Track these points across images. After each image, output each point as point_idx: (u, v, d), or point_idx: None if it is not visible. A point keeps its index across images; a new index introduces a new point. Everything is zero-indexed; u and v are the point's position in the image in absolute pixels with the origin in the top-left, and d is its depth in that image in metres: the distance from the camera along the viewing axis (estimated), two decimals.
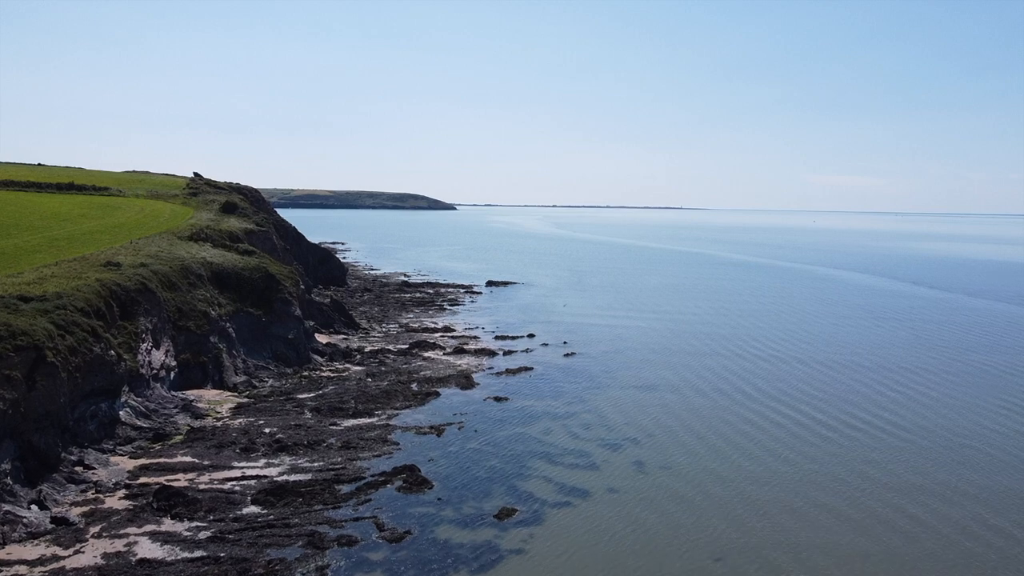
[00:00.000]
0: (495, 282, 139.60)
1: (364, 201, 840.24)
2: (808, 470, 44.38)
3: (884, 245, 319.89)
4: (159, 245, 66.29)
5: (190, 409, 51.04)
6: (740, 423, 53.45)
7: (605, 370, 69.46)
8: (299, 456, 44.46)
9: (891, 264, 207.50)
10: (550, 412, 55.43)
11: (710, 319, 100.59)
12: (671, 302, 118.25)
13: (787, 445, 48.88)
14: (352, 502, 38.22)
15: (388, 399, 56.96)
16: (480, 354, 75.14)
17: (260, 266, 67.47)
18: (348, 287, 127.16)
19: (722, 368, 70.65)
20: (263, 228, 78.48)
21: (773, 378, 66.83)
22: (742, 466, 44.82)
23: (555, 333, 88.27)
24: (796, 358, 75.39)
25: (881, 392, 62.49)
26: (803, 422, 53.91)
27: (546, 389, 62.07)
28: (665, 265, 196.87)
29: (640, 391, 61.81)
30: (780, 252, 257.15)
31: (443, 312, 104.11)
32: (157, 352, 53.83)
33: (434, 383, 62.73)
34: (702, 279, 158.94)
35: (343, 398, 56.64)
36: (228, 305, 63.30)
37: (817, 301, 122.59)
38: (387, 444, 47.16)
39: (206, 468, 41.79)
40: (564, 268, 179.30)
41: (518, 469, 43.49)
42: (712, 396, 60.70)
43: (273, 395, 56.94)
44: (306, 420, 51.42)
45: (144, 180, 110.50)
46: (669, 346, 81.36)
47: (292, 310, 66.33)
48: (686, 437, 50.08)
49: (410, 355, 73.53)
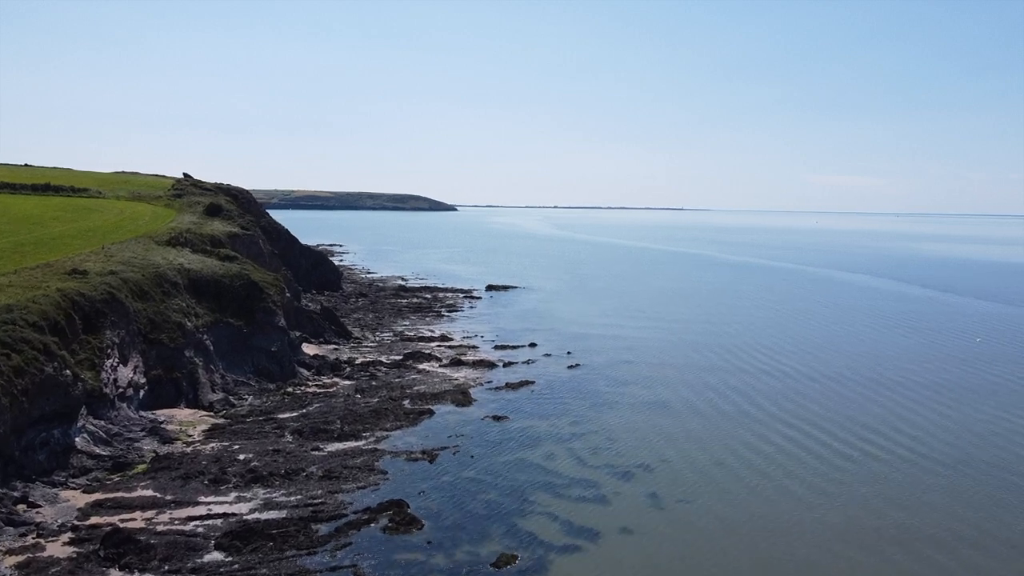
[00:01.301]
0: (495, 286, 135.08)
1: (364, 202, 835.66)
2: (836, 504, 39.76)
3: (886, 246, 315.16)
4: (133, 251, 61.74)
5: (158, 432, 46.46)
6: (758, 447, 48.82)
7: (611, 384, 64.84)
8: (275, 488, 39.86)
9: (895, 266, 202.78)
10: (553, 434, 50.83)
11: (717, 328, 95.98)
12: (676, 308, 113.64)
13: (807, 475, 44.24)
14: (330, 546, 33.62)
15: (377, 419, 52.37)
16: (478, 366, 70.56)
17: (242, 273, 62.90)
18: (343, 292, 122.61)
19: (733, 384, 66.04)
20: (248, 232, 73.98)
21: (787, 396, 62.21)
22: (767, 498, 40.19)
23: (558, 342, 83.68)
24: (810, 373, 70.73)
25: (901, 413, 57.70)
26: (821, 447, 49.29)
27: (549, 407, 57.46)
28: (667, 267, 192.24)
29: (649, 409, 57.19)
30: (783, 253, 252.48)
31: (440, 319, 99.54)
32: (124, 368, 49.27)
33: (428, 399, 58.13)
34: (705, 282, 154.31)
35: (328, 418, 52.04)
36: (206, 315, 58.73)
37: (825, 306, 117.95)
38: (373, 473, 42.56)
39: (168, 505, 37.18)
40: (565, 271, 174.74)
41: (518, 504, 38.87)
42: (725, 415, 56.09)
43: (252, 415, 52.33)
44: (286, 444, 46.81)
45: (129, 181, 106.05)
46: (677, 358, 76.74)
47: (276, 320, 61.76)
48: (703, 463, 45.46)
49: (404, 367, 68.94)
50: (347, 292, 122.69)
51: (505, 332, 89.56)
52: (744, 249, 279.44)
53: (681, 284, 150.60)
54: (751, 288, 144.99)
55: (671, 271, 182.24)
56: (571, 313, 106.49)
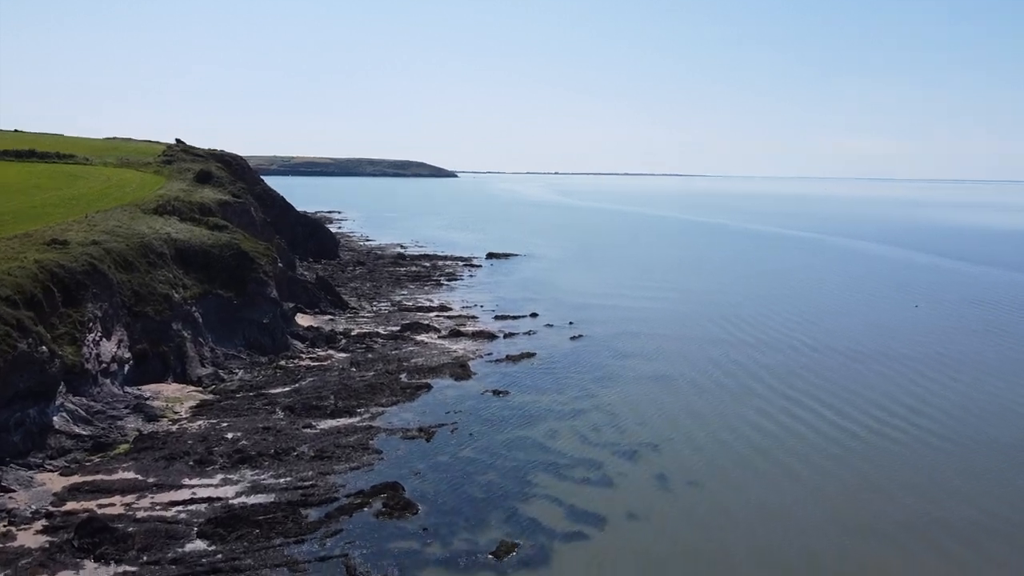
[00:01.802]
0: (496, 254, 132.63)
1: (365, 169, 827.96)
2: (846, 488, 37.82)
3: (907, 214, 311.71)
4: (118, 219, 59.34)
5: (143, 409, 44.49)
6: (765, 426, 46.82)
7: (615, 357, 62.77)
8: (263, 470, 37.95)
9: (916, 235, 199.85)
10: (555, 410, 48.85)
11: (726, 298, 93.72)
12: (682, 277, 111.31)
13: (815, 455, 42.24)
14: (319, 533, 31.74)
15: (373, 394, 50.37)
16: (478, 337, 68.47)
17: (232, 242, 60.54)
18: (340, 260, 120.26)
19: (739, 358, 63.92)
20: (240, 199, 71.45)
21: (793, 371, 60.11)
22: (775, 481, 38.25)
23: (560, 312, 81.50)
24: (817, 346, 68.53)
25: (912, 389, 55.48)
26: (829, 426, 47.26)
27: (550, 380, 55.44)
28: (673, 235, 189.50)
29: (655, 384, 55.16)
30: (795, 221, 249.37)
31: (440, 288, 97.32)
32: (107, 343, 47.18)
33: (426, 373, 56.12)
34: (713, 251, 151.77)
35: (321, 393, 50.04)
36: (194, 287, 56.51)
37: (842, 276, 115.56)
38: (367, 452, 40.63)
39: (149, 488, 35.27)
40: (567, 238, 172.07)
41: (519, 486, 36.94)
42: (731, 391, 54.06)
43: (242, 390, 50.34)
44: (276, 421, 44.86)
45: (119, 148, 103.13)
46: (681, 329, 74.60)
47: (267, 291, 59.55)
48: (710, 443, 43.47)
49: (401, 339, 66.87)
50: (344, 260, 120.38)
51: (505, 302, 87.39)
52: (756, 217, 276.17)
53: (686, 252, 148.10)
54: (763, 258, 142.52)
55: (677, 239, 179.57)
56: (573, 282, 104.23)
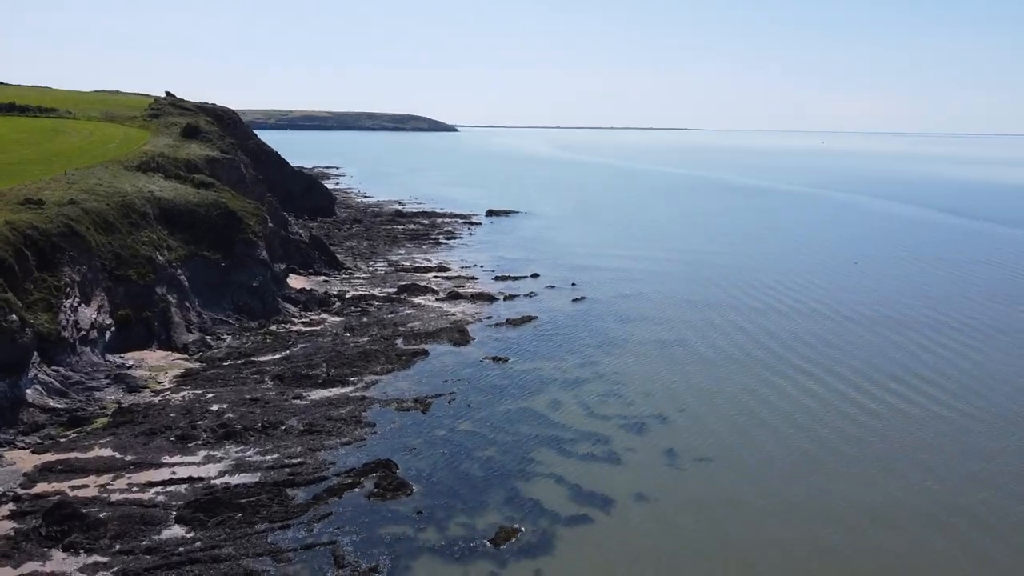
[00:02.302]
0: (496, 211, 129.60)
1: (364, 123, 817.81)
2: (863, 472, 35.75)
3: (901, 168, 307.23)
4: (99, 177, 56.47)
5: (123, 380, 42.27)
6: (776, 399, 44.59)
7: (618, 320, 60.45)
8: (249, 445, 35.83)
9: (912, 189, 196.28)
10: (558, 377, 46.64)
11: (729, 258, 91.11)
12: (685, 235, 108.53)
13: (830, 434, 40.09)
14: (307, 518, 29.69)
15: (367, 361, 48.11)
16: (478, 300, 66.09)
17: (219, 201, 57.75)
18: (336, 218, 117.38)
19: (749, 323, 61.57)
20: (228, 155, 68.41)
21: (808, 338, 57.77)
22: (789, 461, 36.16)
23: (561, 272, 79.02)
24: (827, 312, 66.08)
25: (930, 361, 53.17)
26: (843, 401, 45.07)
27: (552, 346, 53.18)
28: (674, 191, 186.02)
29: (660, 351, 52.87)
30: (793, 176, 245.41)
31: (438, 247, 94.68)
32: (86, 309, 44.79)
33: (423, 338, 53.85)
34: (715, 207, 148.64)
35: (313, 361, 47.78)
36: (180, 248, 53.92)
37: (844, 234, 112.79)
38: (360, 426, 38.50)
39: (127, 467, 33.17)
40: (568, 194, 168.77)
41: (520, 464, 34.85)
42: (739, 359, 51.80)
43: (230, 357, 48.06)
44: (265, 392, 42.67)
45: (106, 101, 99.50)
46: (686, 291, 72.16)
47: (257, 253, 56.96)
48: (720, 416, 41.29)
49: (397, 301, 64.49)
50: (341, 218, 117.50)
51: (506, 261, 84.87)
52: (752, 172, 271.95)
53: (687, 208, 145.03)
54: (761, 213, 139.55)
55: (676, 195, 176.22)
56: (574, 240, 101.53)
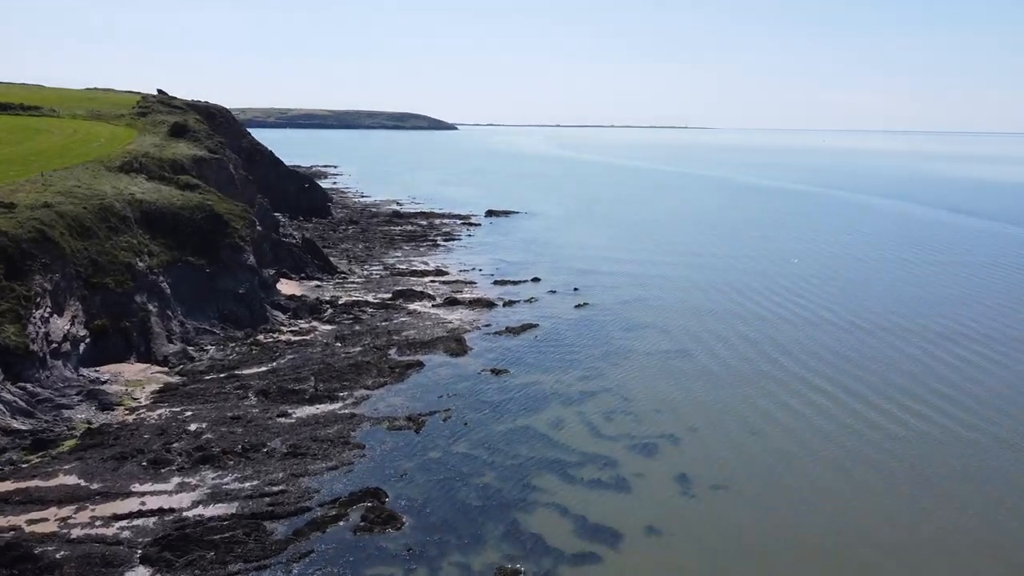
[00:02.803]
0: (495, 212, 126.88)
1: (363, 121, 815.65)
2: (888, 506, 33.06)
3: (906, 166, 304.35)
4: (78, 178, 53.74)
5: (96, 396, 39.55)
6: (792, 418, 41.91)
7: (623, 328, 57.73)
8: (227, 471, 33.12)
9: (919, 187, 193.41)
10: (561, 392, 43.92)
11: (738, 262, 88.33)
12: (687, 236, 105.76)
13: (849, 460, 37.38)
14: (285, 556, 27.00)
15: (358, 374, 45.41)
16: (476, 306, 63.35)
17: (204, 204, 55.00)
18: (332, 218, 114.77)
19: (758, 332, 58.87)
20: (217, 155, 65.70)
21: (821, 348, 55.05)
22: (812, 486, 33.47)
23: (563, 276, 76.31)
24: (840, 322, 63.23)
25: (953, 379, 50.76)
26: (861, 423, 42.36)
27: (554, 357, 50.46)
28: (675, 190, 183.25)
29: (668, 362, 50.14)
30: (799, 175, 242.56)
31: (436, 249, 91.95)
32: (59, 320, 42.08)
33: (417, 348, 51.14)
34: (721, 208, 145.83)
35: (300, 374, 45.06)
36: (162, 254, 51.19)
37: (855, 235, 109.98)
38: (348, 447, 35.80)
39: (92, 496, 30.46)
40: (569, 194, 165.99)
41: (520, 491, 32.13)
42: (755, 374, 49.08)
43: (213, 370, 45.34)
44: (248, 409, 39.95)
45: (94, 99, 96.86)
46: (693, 297, 69.41)
47: (244, 258, 54.23)
48: (734, 435, 38.59)
49: (392, 308, 61.76)
50: (336, 219, 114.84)
51: (505, 265, 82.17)
52: (755, 170, 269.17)
53: (689, 208, 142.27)
54: (773, 215, 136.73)
55: (680, 194, 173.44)
56: (576, 242, 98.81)
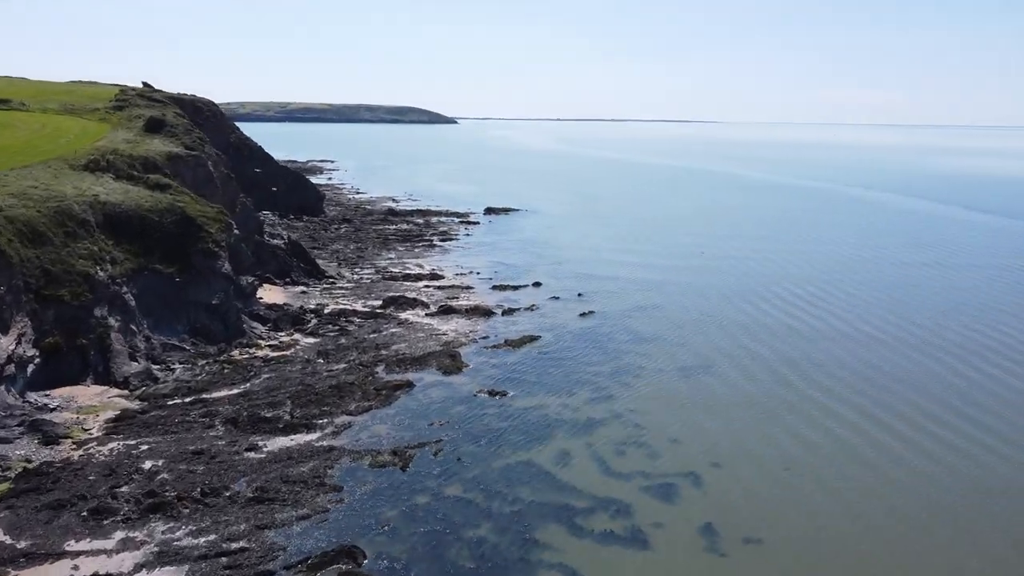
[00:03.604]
0: (494, 209, 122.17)
1: (362, 115, 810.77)
2: (963, 542, 28.46)
3: (918, 161, 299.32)
4: (36, 178, 49.05)
5: (40, 428, 34.93)
6: (831, 444, 37.35)
7: (633, 341, 53.09)
8: (180, 522, 28.51)
9: (931, 183, 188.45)
10: (566, 418, 39.29)
11: (747, 262, 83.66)
12: (696, 235, 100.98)
13: (902, 503, 32.82)
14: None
15: (340, 397, 40.80)
16: (472, 315, 58.71)
17: (175, 205, 50.30)
18: (325, 216, 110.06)
19: (779, 343, 54.26)
20: (194, 152, 61.02)
21: (853, 363, 50.42)
22: (858, 536, 28.86)
23: (566, 281, 71.67)
24: (876, 334, 58.57)
25: (997, 396, 46.25)
26: (914, 441, 37.81)
27: (558, 375, 45.82)
28: (681, 186, 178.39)
29: (684, 380, 45.53)
30: (807, 171, 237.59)
31: (432, 250, 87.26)
32: (3, 339, 37.45)
33: (408, 365, 46.54)
34: (725, 204, 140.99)
35: (276, 398, 40.44)
36: (126, 261, 46.51)
37: (874, 235, 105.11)
38: (323, 490, 31.19)
39: (16, 559, 25.83)
40: (570, 190, 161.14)
41: (521, 548, 27.52)
42: (779, 392, 44.47)
43: (178, 393, 40.69)
44: (213, 441, 35.34)
45: (72, 92, 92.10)
46: (707, 304, 64.72)
47: (218, 265, 49.55)
48: (766, 470, 34.02)
49: (382, 317, 57.12)
50: (329, 217, 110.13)
51: (505, 267, 77.51)
52: (760, 165, 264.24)
53: (696, 205, 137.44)
54: (787, 214, 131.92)
55: (686, 191, 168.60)
56: (579, 242, 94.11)
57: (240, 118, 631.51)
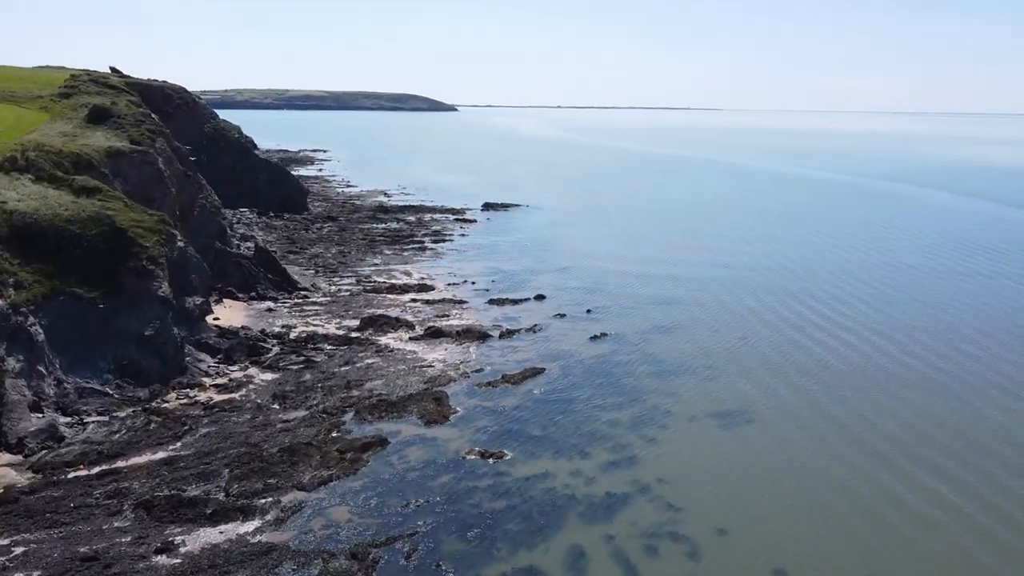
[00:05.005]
0: (493, 205, 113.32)
1: (362, 103, 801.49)
2: None
3: (930, 151, 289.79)
4: None
5: None
6: (928, 532, 28.75)
7: (656, 375, 44.46)
8: None
9: (951, 175, 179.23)
10: (579, 495, 30.67)
11: (788, 274, 74.88)
12: (715, 232, 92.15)
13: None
14: None
15: (292, 464, 32.22)
16: (465, 339, 50.06)
17: (101, 214, 41.54)
18: (308, 214, 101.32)
19: (844, 385, 45.65)
20: (140, 147, 52.32)
21: (936, 410, 41.89)
22: None
23: (572, 292, 63.02)
24: (959, 370, 50.23)
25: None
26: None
27: (568, 427, 37.19)
28: (688, 177, 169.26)
29: (725, 432, 36.91)
30: (816, 160, 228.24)
31: (423, 254, 78.51)
32: None
33: (383, 413, 37.94)
34: (738, 196, 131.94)
35: (210, 465, 31.84)
36: (36, 285, 37.80)
37: (913, 235, 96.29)
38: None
39: None
40: (572, 182, 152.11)
41: None
42: (849, 454, 35.85)
43: (85, 460, 32.06)
44: (115, 537, 26.75)
45: (29, 78, 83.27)
46: (738, 323, 56.03)
47: (153, 287, 40.82)
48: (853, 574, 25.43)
49: (358, 344, 48.50)
50: (313, 214, 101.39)
51: (503, 275, 68.85)
52: (769, 155, 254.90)
53: (708, 197, 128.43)
54: (793, 206, 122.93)
55: (693, 182, 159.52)
56: (585, 243, 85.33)
57: (237, 105, 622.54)
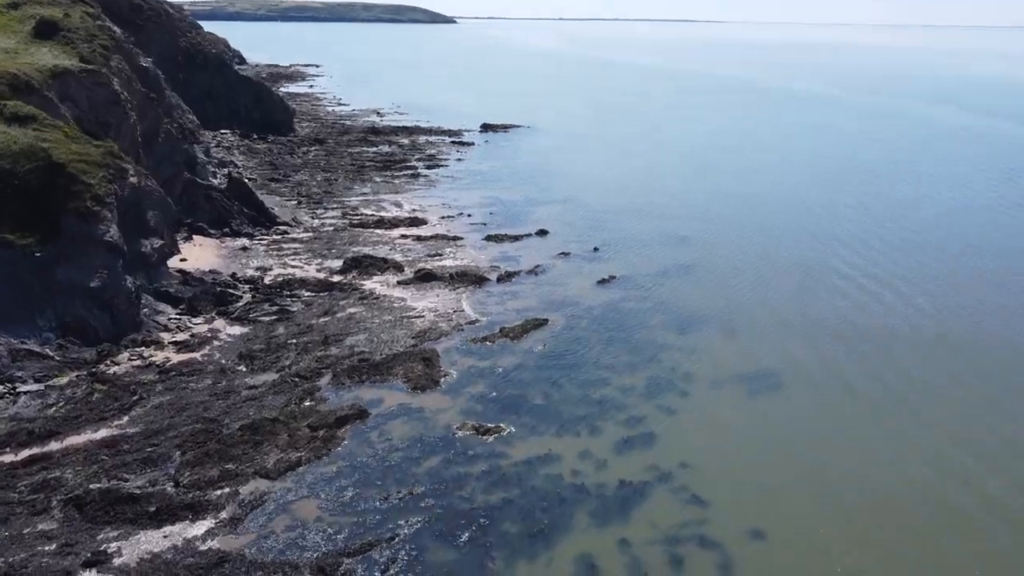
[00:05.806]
0: (492, 126, 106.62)
1: (359, 14, 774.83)
2: None
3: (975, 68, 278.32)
4: None
5: None
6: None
7: (671, 327, 39.68)
8: None
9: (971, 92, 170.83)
10: (589, 484, 26.25)
11: (816, 209, 69.32)
12: (733, 159, 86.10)
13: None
14: None
15: (255, 444, 27.72)
16: (459, 283, 45.13)
17: (35, 147, 35.98)
18: (295, 135, 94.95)
19: (898, 346, 40.86)
20: (90, 66, 46.26)
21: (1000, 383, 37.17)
22: None
23: (577, 227, 57.82)
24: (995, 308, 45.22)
25: None
26: None
27: (574, 392, 32.59)
28: (703, 95, 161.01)
29: (754, 400, 32.33)
30: (850, 80, 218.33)
31: (415, 182, 72.82)
32: None
33: (364, 376, 33.34)
34: (763, 121, 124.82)
35: (158, 447, 27.35)
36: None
37: (964, 171, 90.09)
38: None
39: None
40: (578, 101, 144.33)
41: None
42: (903, 425, 31.33)
43: (12, 441, 27.54)
44: (37, 544, 22.42)
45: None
46: (768, 269, 50.95)
47: (99, 231, 35.61)
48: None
49: (340, 289, 43.61)
50: (300, 136, 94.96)
51: (502, 206, 63.48)
52: (788, 71, 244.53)
53: (723, 118, 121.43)
54: (821, 131, 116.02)
55: (706, 100, 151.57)
56: (591, 171, 79.44)
57: (228, 17, 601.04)
